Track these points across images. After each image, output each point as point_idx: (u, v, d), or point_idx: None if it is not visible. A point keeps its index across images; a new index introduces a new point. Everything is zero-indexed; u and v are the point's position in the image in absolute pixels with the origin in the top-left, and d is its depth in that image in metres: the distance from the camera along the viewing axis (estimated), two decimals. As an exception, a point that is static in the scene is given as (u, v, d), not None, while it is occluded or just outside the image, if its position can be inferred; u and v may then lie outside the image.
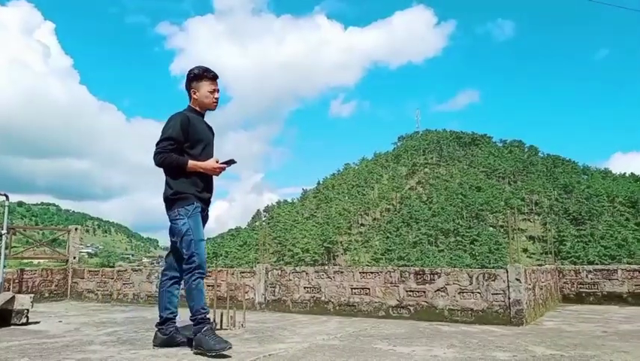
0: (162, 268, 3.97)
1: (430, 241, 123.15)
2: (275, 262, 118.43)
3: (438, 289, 5.40)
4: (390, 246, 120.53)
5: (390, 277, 5.68)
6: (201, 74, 3.70)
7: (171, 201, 3.57)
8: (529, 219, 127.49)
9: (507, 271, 5.08)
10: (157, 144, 3.56)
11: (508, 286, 5.03)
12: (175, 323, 3.74)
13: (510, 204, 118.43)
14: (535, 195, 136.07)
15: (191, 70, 3.74)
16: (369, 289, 5.78)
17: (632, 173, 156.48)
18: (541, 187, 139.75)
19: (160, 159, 3.52)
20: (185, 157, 3.55)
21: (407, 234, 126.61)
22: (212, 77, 3.74)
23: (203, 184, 3.66)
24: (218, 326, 4.61)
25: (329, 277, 6.03)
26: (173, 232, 3.58)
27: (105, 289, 7.85)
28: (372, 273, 5.82)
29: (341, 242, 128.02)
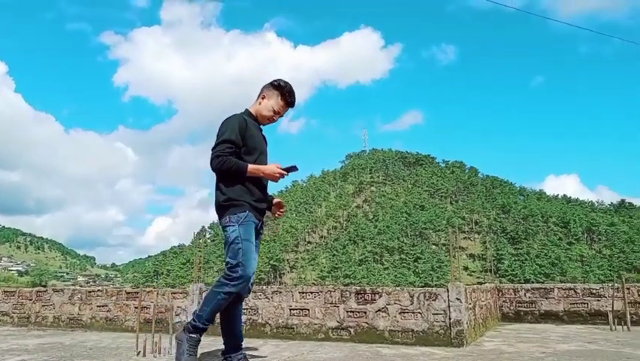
0: None
1: (375, 258, 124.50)
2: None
3: (379, 310, 5.22)
4: (336, 264, 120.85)
5: (331, 296, 5.45)
6: (282, 90, 3.49)
7: (223, 207, 3.29)
8: (469, 238, 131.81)
9: (448, 291, 4.98)
10: (214, 148, 3.28)
11: (449, 306, 4.92)
12: (243, 350, 3.46)
13: (452, 223, 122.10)
14: (475, 214, 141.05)
15: (279, 79, 3.52)
16: (308, 310, 5.51)
17: (564, 195, 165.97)
18: (481, 207, 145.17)
19: (219, 163, 3.22)
20: (244, 162, 3.27)
21: (353, 252, 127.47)
22: (289, 102, 3.53)
23: (260, 193, 3.38)
24: (141, 354, 4.20)
25: (267, 298, 5.72)
26: (225, 240, 3.29)
27: (22, 311, 7.15)
28: (312, 293, 5.56)
29: (288, 260, 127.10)
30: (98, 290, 6.84)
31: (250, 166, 3.24)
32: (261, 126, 3.60)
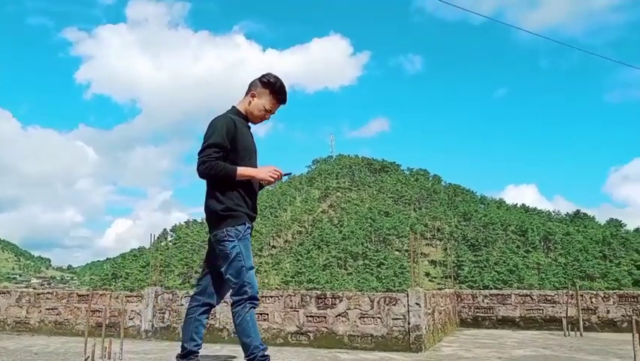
0: (194, 290, 3.32)
1: (339, 263, 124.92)
2: (180, 284, 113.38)
3: (339, 314, 5.17)
4: (300, 268, 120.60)
5: (291, 301, 5.37)
6: (273, 87, 3.27)
7: (220, 218, 3.06)
8: (431, 245, 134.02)
9: (407, 296, 4.97)
10: (200, 153, 3.05)
11: (408, 311, 4.92)
12: (198, 356, 3.21)
13: (415, 229, 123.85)
14: (437, 221, 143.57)
15: (268, 75, 3.30)
16: (267, 314, 5.41)
17: (523, 204, 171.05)
18: (443, 214, 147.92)
19: (205, 168, 3.00)
20: (232, 165, 3.06)
21: (318, 256, 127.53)
22: (281, 99, 3.34)
23: (251, 202, 3.20)
24: (90, 360, 4.00)
25: (225, 302, 5.57)
26: (219, 254, 3.07)
27: (-36, 315, 6.74)
28: (271, 297, 5.46)
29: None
30: (48, 293, 6.53)
31: (239, 169, 3.07)
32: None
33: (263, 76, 3.30)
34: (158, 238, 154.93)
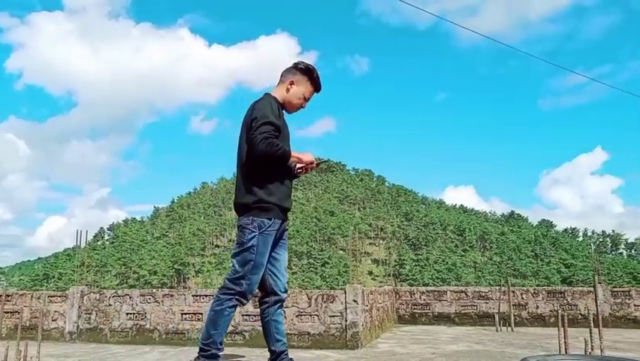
0: (259, 297, 3.04)
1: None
2: (117, 285, 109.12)
3: (276, 313, 5.05)
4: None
5: (226, 300, 5.19)
6: (312, 75, 3.11)
7: (249, 208, 2.87)
8: (374, 244, 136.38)
9: (345, 293, 4.93)
10: (255, 130, 2.78)
11: (346, 308, 4.88)
12: (288, 354, 3.02)
13: (358, 228, 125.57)
14: (381, 221, 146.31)
15: (303, 62, 3.14)
16: (202, 314, 5.21)
17: (461, 205, 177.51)
18: (387, 214, 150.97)
19: (269, 145, 2.74)
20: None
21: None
22: (317, 87, 3.17)
23: (289, 189, 3.02)
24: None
25: (157, 302, 5.33)
26: (237, 239, 2.89)
27: None
28: (206, 296, 5.27)
29: (193, 264, 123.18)
30: (-40, 294, 6.00)
31: (293, 152, 2.93)
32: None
33: (298, 63, 3.16)
34: (94, 236, 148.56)
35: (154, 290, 5.45)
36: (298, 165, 3.08)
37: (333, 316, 4.90)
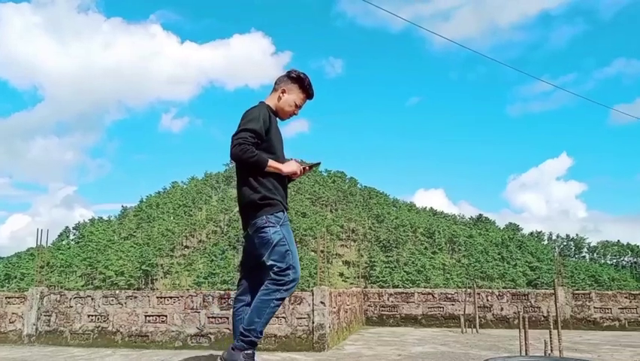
0: (236, 292, 3.22)
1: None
2: (83, 285, 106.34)
3: (242, 315, 5.00)
4: (214, 269, 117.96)
5: (192, 302, 5.12)
6: (303, 83, 3.25)
7: (257, 206, 2.99)
8: (346, 246, 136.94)
9: (313, 294, 4.92)
10: (235, 135, 2.97)
11: (313, 310, 4.87)
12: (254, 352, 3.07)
13: (330, 230, 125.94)
14: (352, 223, 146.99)
15: (295, 71, 3.28)
16: (166, 316, 5.12)
17: (431, 207, 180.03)
18: (358, 216, 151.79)
19: (240, 150, 2.90)
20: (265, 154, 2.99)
21: (233, 257, 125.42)
22: (309, 95, 3.31)
23: (284, 192, 3.15)
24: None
25: (119, 303, 5.21)
26: (260, 243, 2.98)
27: None
28: (171, 298, 5.18)
29: (162, 265, 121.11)
30: None
31: (270, 161, 3.01)
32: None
33: (290, 72, 3.30)
34: (59, 236, 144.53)
35: (117, 292, 5.32)
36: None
37: (301, 318, 4.89)
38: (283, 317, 4.92)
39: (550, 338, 4.04)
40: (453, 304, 7.88)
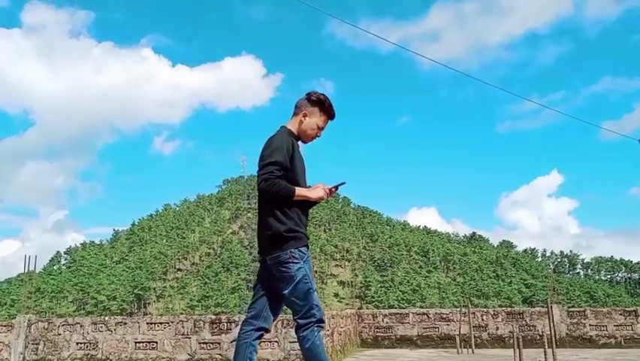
0: (247, 314, 3.17)
1: (249, 286, 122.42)
2: (74, 311, 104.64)
3: (234, 340, 4.92)
4: (207, 292, 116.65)
5: (183, 327, 5.03)
6: (323, 105, 3.26)
7: (283, 239, 2.99)
8: (340, 266, 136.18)
9: (306, 318, 4.86)
10: (260, 170, 3.03)
11: (306, 334, 4.80)
12: None
13: (324, 250, 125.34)
14: (346, 242, 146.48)
15: (316, 93, 3.28)
16: (157, 342, 5.02)
17: (425, 226, 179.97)
18: (352, 235, 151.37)
19: (268, 186, 2.94)
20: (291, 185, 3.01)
21: (226, 279, 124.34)
22: (331, 115, 3.31)
23: (306, 219, 3.19)
24: None
25: (109, 330, 5.11)
26: (281, 277, 2.98)
27: None
28: (161, 324, 5.09)
29: (154, 288, 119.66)
30: None
31: (297, 189, 3.03)
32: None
33: (310, 94, 3.30)
34: (50, 260, 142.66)
35: (106, 318, 5.23)
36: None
37: (293, 341, 4.81)
38: (276, 341, 4.85)
39: (545, 357, 4.01)
40: (448, 324, 7.81)
